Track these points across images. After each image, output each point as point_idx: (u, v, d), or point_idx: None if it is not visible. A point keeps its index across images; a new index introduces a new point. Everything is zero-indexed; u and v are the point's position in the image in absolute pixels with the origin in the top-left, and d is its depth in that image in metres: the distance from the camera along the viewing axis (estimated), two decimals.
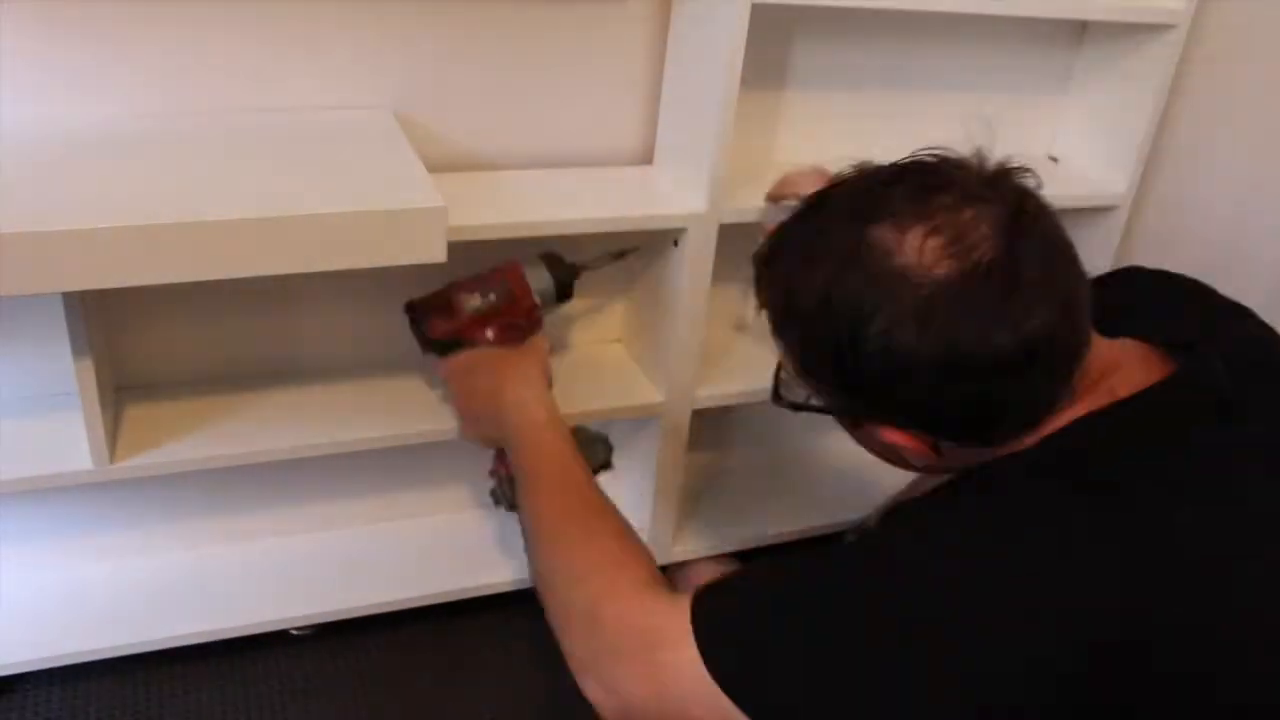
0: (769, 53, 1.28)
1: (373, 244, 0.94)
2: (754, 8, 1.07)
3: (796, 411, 0.86)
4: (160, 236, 0.86)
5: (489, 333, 1.11)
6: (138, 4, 1.03)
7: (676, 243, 1.20)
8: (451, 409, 1.14)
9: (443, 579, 1.15)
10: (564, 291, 1.15)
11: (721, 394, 1.31)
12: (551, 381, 1.08)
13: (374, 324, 1.26)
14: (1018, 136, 1.48)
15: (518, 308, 1.12)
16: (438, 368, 1.14)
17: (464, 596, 1.32)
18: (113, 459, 1.07)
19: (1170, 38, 1.33)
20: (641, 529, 1.38)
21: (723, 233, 1.19)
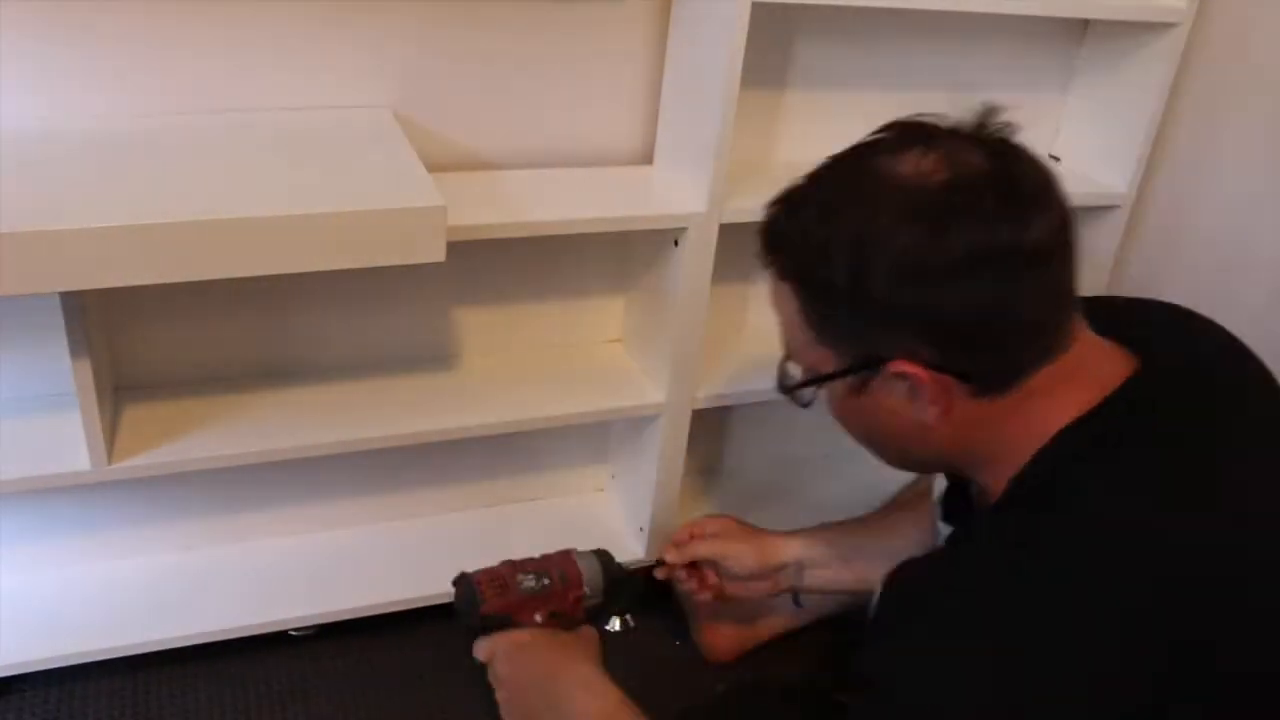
0: (769, 53, 1.28)
1: (372, 244, 0.94)
2: (754, 7, 1.07)
3: (803, 390, 0.85)
4: (159, 236, 0.86)
5: (538, 616, 1.11)
6: (137, 4, 1.03)
7: (677, 243, 1.20)
8: (495, 685, 1.09)
9: (443, 579, 1.15)
10: (611, 589, 1.16)
11: (721, 394, 1.31)
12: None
13: (373, 324, 1.26)
14: (1019, 135, 1.48)
15: (568, 596, 1.13)
16: (480, 647, 1.11)
17: None
18: (111, 459, 1.07)
19: (1172, 36, 1.33)
20: (641, 529, 1.38)
21: (723, 233, 1.18)
